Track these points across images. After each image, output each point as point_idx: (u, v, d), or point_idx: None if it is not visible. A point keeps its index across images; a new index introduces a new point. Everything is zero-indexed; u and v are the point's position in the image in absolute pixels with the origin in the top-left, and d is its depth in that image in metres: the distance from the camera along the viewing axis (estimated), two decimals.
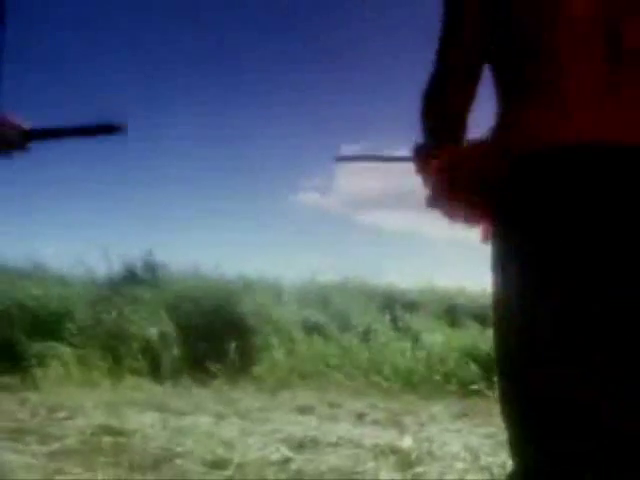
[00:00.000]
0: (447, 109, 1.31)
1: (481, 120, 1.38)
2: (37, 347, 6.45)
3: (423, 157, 1.33)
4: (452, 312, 8.88)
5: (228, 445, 3.79)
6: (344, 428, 4.62)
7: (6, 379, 5.87)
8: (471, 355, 6.65)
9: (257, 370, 7.10)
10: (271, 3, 12.57)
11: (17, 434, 3.95)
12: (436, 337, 7.59)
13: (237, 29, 13.50)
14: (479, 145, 1.28)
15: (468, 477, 3.29)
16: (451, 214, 1.29)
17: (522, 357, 1.15)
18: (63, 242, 3.55)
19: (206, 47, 13.62)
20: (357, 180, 16.03)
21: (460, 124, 1.30)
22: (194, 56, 13.54)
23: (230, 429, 4.42)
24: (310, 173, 16.82)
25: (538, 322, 1.09)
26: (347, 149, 15.72)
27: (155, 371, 6.97)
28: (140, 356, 7.05)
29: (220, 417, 4.90)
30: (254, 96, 14.07)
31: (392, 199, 15.70)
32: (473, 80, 1.32)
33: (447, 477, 3.28)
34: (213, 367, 6.88)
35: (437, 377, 6.70)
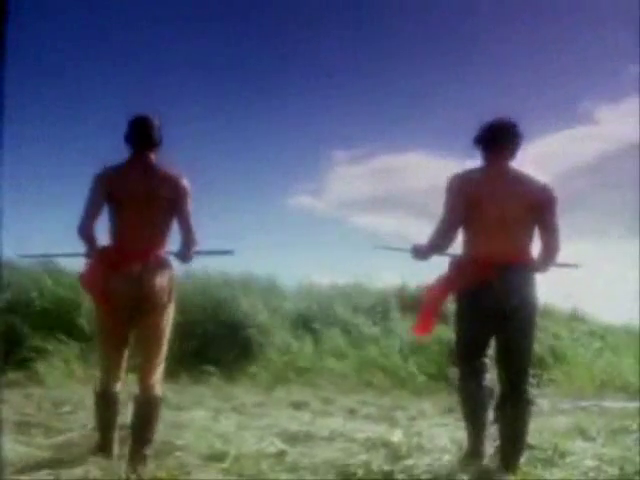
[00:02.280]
0: (447, 241, 3.20)
1: None
2: (42, 344, 6.53)
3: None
4: (442, 311, 8.95)
5: (225, 439, 3.88)
6: (337, 422, 4.74)
7: (12, 375, 5.94)
8: None
9: (252, 368, 7.19)
10: (269, 12, 12.65)
11: (23, 427, 4.03)
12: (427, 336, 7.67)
13: (233, 35, 13.56)
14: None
15: (456, 469, 3.36)
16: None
17: (458, 324, 3.36)
18: (73, 241, 3.67)
19: (203, 53, 13.68)
20: (349, 184, 16.16)
21: (448, 245, 3.24)
22: (191, 61, 13.60)
23: (227, 423, 4.53)
24: (303, 177, 16.89)
25: (464, 312, 3.32)
26: (339, 154, 15.90)
27: None
28: None
29: (217, 412, 5.01)
30: (249, 101, 14.13)
31: (384, 202, 15.81)
32: (457, 230, 3.21)
33: (436, 469, 3.37)
34: (210, 365, 6.97)
35: (426, 374, 6.84)
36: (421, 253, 3.21)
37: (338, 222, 15.79)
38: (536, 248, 3.31)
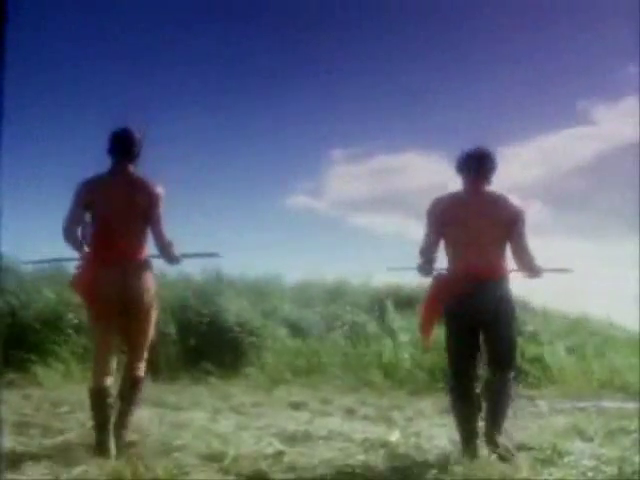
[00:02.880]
0: (430, 256, 3.67)
1: None
2: (40, 345, 6.54)
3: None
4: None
5: (223, 439, 3.88)
6: (335, 422, 4.75)
7: (11, 376, 5.94)
8: None
9: (248, 370, 7.18)
10: (268, 10, 12.69)
11: (22, 427, 4.06)
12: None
13: (232, 33, 13.59)
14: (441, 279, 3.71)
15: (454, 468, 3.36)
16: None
17: (448, 340, 3.71)
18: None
19: (203, 52, 13.70)
20: (348, 183, 16.19)
21: (434, 260, 3.70)
22: (190, 60, 13.62)
23: (225, 424, 4.53)
24: (302, 176, 16.91)
25: (450, 328, 3.69)
26: (337, 153, 15.94)
27: (153, 369, 7.05)
28: None
29: (216, 412, 5.02)
30: (247, 99, 14.15)
31: (382, 201, 15.85)
32: (437, 246, 3.69)
33: (434, 469, 3.35)
34: (208, 366, 6.97)
35: (425, 373, 6.82)
36: (424, 270, 3.70)
37: (337, 221, 15.83)
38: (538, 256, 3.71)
